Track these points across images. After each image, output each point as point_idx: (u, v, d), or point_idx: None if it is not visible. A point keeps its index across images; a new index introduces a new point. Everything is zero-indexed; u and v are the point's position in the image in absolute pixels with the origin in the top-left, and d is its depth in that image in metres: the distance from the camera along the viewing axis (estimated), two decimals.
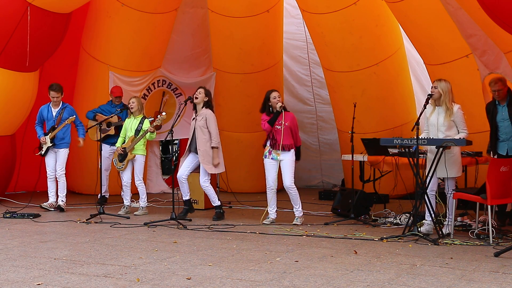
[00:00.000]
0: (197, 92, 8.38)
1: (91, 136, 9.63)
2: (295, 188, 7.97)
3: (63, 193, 9.17)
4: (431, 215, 6.99)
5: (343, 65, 10.41)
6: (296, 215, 8.04)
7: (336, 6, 9.88)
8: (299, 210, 8.05)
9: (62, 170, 9.17)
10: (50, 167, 9.20)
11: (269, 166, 8.00)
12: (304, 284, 4.90)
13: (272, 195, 8.03)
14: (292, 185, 7.93)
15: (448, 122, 7.00)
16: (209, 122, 8.26)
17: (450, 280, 4.98)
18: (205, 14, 11.23)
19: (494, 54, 8.22)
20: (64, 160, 9.21)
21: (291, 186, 7.92)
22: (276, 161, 7.96)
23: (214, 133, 8.28)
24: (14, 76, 9.49)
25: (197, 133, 8.29)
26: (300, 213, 8.05)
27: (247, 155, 11.67)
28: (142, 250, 6.27)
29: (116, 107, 9.65)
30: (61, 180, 9.17)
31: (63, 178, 9.18)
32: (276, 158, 7.94)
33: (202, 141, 8.25)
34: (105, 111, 9.66)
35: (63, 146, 9.20)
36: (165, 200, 10.49)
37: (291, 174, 7.93)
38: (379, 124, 10.42)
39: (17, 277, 5.13)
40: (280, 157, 7.92)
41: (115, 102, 9.73)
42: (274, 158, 7.96)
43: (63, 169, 9.20)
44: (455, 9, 8.12)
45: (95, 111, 9.70)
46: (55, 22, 9.49)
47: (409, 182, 8.84)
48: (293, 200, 8.03)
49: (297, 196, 8.01)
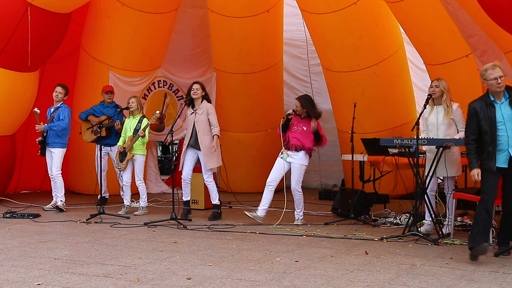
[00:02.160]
0: (194, 89, 8.38)
1: (85, 137, 9.62)
2: (300, 192, 8.01)
3: (61, 193, 9.11)
4: (431, 215, 6.99)
5: (343, 65, 10.41)
6: (296, 217, 8.08)
7: (336, 6, 9.88)
8: (300, 214, 8.08)
9: (57, 170, 9.08)
10: (49, 167, 9.20)
11: (276, 163, 8.05)
12: (304, 284, 4.90)
13: (269, 192, 8.01)
14: (297, 188, 7.98)
15: (447, 120, 7.00)
16: (211, 114, 8.33)
17: (450, 280, 4.98)
18: (205, 14, 11.24)
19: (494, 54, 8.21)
20: (58, 160, 9.09)
21: (297, 189, 7.98)
22: (284, 161, 7.99)
23: (216, 123, 8.34)
24: (14, 76, 9.49)
25: (198, 127, 8.31)
26: (300, 217, 8.08)
27: (247, 155, 11.67)
28: (142, 250, 6.27)
29: (108, 107, 9.63)
30: (57, 180, 9.09)
31: (59, 178, 9.09)
32: (285, 158, 7.99)
33: (204, 135, 8.29)
34: (97, 111, 9.63)
35: (57, 146, 9.11)
36: (165, 200, 10.49)
37: (299, 177, 7.98)
38: (379, 124, 10.42)
39: (17, 277, 5.13)
40: (289, 159, 7.96)
41: (107, 102, 9.66)
42: (284, 158, 8.00)
43: (58, 169, 9.09)
44: (455, 9, 8.12)
45: (88, 112, 9.67)
46: (55, 22, 9.49)
47: (409, 182, 8.85)
48: (296, 204, 8.08)
49: (301, 201, 8.04)
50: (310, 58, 12.23)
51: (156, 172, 12.06)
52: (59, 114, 9.13)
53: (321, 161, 12.41)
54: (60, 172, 9.14)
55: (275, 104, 11.95)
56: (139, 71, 10.93)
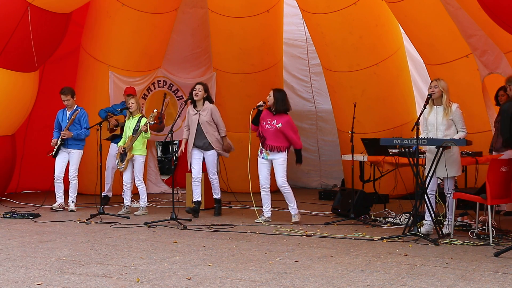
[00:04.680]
0: (196, 89, 8.43)
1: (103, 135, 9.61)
2: (288, 186, 8.01)
3: (74, 194, 9.16)
4: (431, 215, 6.99)
5: (343, 65, 10.41)
6: (292, 213, 8.06)
7: (336, 6, 9.88)
8: (294, 208, 8.05)
9: (75, 172, 9.16)
10: (58, 168, 9.20)
11: (260, 165, 8.11)
12: (304, 284, 4.90)
13: (265, 193, 8.09)
14: (284, 183, 7.96)
15: (447, 121, 6.99)
16: (215, 115, 8.48)
17: (450, 280, 4.98)
18: (205, 14, 11.24)
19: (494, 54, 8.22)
20: (77, 161, 9.21)
21: (284, 185, 7.97)
22: (267, 160, 8.03)
23: (222, 123, 8.59)
24: (15, 76, 9.49)
25: (203, 128, 8.44)
26: (296, 211, 8.05)
27: (247, 155, 11.64)
28: (142, 250, 6.27)
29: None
30: (73, 182, 9.15)
31: (75, 180, 9.17)
32: (266, 157, 8.02)
33: (211, 133, 8.45)
34: (116, 110, 9.65)
35: (77, 147, 9.20)
36: (165, 200, 10.49)
37: (283, 173, 7.96)
38: (379, 124, 10.42)
39: (17, 277, 5.13)
40: (270, 156, 7.98)
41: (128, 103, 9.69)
42: (264, 157, 8.04)
43: (76, 170, 9.19)
44: (455, 9, 8.13)
45: (108, 110, 9.71)
46: (55, 22, 9.49)
47: (409, 182, 8.85)
48: (287, 199, 8.05)
49: (291, 195, 8.02)
50: (310, 58, 12.23)
51: (156, 172, 12.06)
52: (80, 119, 9.19)
53: (321, 161, 12.41)
54: (77, 173, 9.21)
55: None
56: (139, 71, 10.93)
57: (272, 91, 8.12)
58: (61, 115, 9.31)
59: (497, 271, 5.28)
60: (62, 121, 9.25)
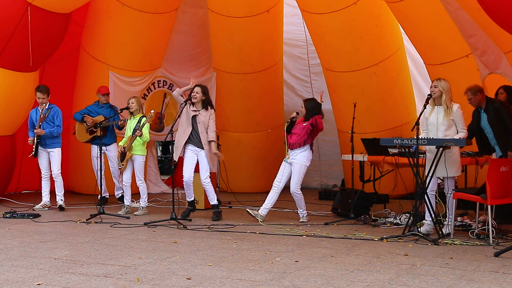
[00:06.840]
0: (194, 92, 8.39)
1: (79, 137, 9.64)
2: (300, 194, 8.13)
3: (61, 192, 9.18)
4: (431, 215, 6.99)
5: (343, 65, 10.41)
6: (301, 216, 8.23)
7: (336, 6, 9.88)
8: (303, 213, 8.23)
9: (58, 170, 9.17)
10: (44, 166, 9.23)
11: (281, 167, 8.24)
12: (304, 284, 4.90)
13: (273, 193, 8.16)
14: (297, 190, 8.09)
15: (447, 121, 7.00)
16: (211, 120, 8.40)
17: (450, 280, 4.99)
18: (205, 14, 11.24)
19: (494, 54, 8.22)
20: (58, 159, 9.21)
21: (296, 192, 8.10)
22: (286, 164, 8.16)
23: (214, 128, 8.40)
24: (15, 76, 9.49)
25: (200, 128, 8.31)
26: (305, 215, 8.24)
27: (247, 155, 11.67)
28: (142, 250, 6.27)
29: (103, 107, 9.63)
30: (57, 179, 9.17)
31: (59, 177, 9.19)
32: (287, 160, 8.14)
33: (205, 135, 8.36)
34: (92, 112, 9.63)
35: (56, 146, 9.20)
36: (165, 200, 10.49)
37: (298, 179, 8.09)
38: (379, 124, 10.42)
39: (17, 277, 5.13)
40: (290, 159, 8.09)
41: (102, 102, 9.67)
42: (285, 160, 8.17)
43: (59, 168, 9.20)
44: (455, 9, 8.13)
45: (83, 112, 9.69)
46: (55, 22, 9.49)
47: (409, 182, 8.84)
48: (298, 204, 8.24)
49: (302, 201, 8.19)
50: (310, 58, 12.23)
51: (156, 172, 12.06)
52: (53, 117, 9.18)
53: (321, 161, 12.41)
54: (60, 171, 9.24)
55: (275, 104, 11.95)
56: (139, 71, 10.93)
57: (303, 102, 8.25)
58: (35, 114, 9.30)
59: (497, 271, 5.28)
60: (36, 120, 9.25)
